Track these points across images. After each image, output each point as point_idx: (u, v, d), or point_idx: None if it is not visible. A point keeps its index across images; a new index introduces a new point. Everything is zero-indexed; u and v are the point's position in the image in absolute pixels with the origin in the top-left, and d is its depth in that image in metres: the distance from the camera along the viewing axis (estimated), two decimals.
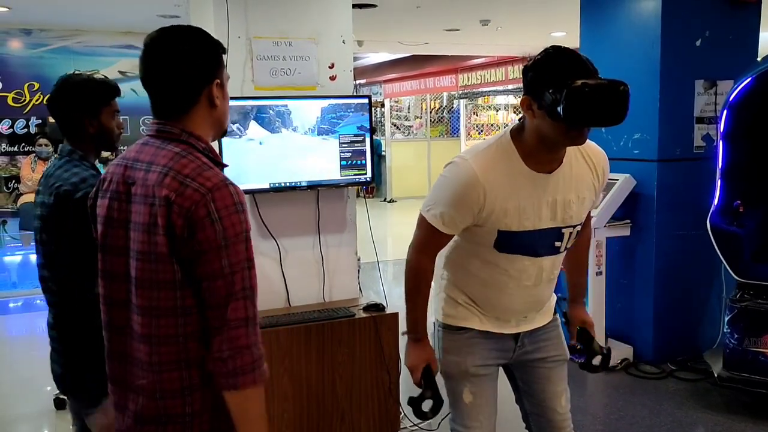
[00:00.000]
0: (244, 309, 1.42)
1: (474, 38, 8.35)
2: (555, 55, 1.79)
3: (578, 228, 2.02)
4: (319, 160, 3.40)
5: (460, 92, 13.74)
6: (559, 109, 1.70)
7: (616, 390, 4.16)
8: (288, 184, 3.35)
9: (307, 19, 3.46)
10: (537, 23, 7.17)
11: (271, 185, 3.32)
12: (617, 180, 4.48)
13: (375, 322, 3.27)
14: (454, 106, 15.73)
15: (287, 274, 3.50)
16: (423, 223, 1.97)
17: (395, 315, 3.35)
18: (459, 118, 14.73)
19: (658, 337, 4.53)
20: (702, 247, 4.06)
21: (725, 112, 3.86)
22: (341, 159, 3.44)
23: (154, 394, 1.48)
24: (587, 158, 1.99)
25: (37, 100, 7.28)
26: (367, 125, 3.48)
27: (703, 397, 3.94)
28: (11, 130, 7.41)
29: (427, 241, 1.99)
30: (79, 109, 2.16)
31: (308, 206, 3.53)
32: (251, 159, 3.28)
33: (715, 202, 3.99)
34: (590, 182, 2.00)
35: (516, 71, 11.70)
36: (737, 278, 3.80)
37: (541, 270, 2.01)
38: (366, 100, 3.51)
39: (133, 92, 6.85)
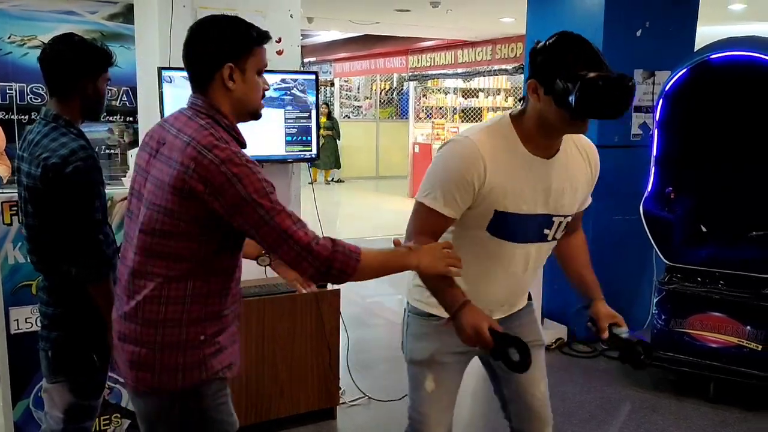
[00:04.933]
0: (301, 233, 1.61)
1: (424, 20, 8.37)
2: (568, 42, 1.77)
3: (568, 219, 2.02)
4: (263, 134, 3.37)
5: (410, 74, 13.77)
6: (570, 98, 1.70)
7: (549, 368, 4.19)
8: None
9: None
10: (486, 8, 7.23)
11: None
12: None
13: (316, 299, 3.29)
14: (404, 88, 15.75)
15: None
16: (420, 210, 1.91)
17: (337, 292, 3.37)
18: (408, 100, 14.76)
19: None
20: (635, 232, 4.21)
21: (661, 101, 4.00)
22: (286, 134, 3.43)
23: (134, 319, 1.70)
24: (581, 150, 2.00)
25: None
26: (314, 101, 3.47)
27: (631, 376, 4.11)
28: None
29: (426, 227, 1.91)
30: (81, 69, 2.13)
31: None
32: None
33: (649, 188, 4.14)
34: (585, 174, 2.01)
35: (465, 55, 11.80)
36: (666, 262, 3.96)
37: (528, 257, 2.00)
38: (313, 77, 3.50)
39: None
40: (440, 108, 14.06)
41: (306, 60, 21.47)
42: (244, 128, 1.77)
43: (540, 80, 1.78)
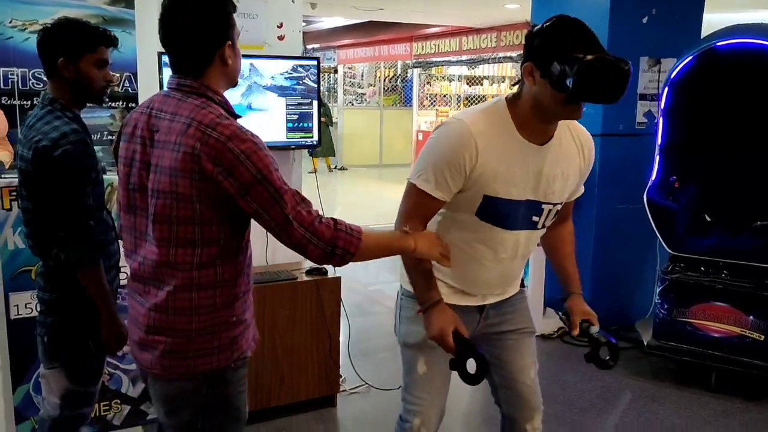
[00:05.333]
0: (305, 214, 1.61)
1: (428, 6, 8.31)
2: (565, 25, 1.75)
3: (558, 207, 2.00)
4: (265, 121, 3.35)
5: (414, 61, 13.69)
6: (568, 81, 1.68)
7: (550, 357, 4.28)
8: None
9: None
10: None
11: None
12: None
13: (317, 286, 3.28)
14: (408, 75, 15.68)
15: None
16: (412, 191, 1.91)
17: (338, 279, 3.36)
18: (412, 87, 14.69)
19: (594, 307, 4.54)
20: (640, 221, 4.18)
21: (666, 89, 3.96)
22: (287, 121, 3.40)
23: (165, 310, 1.68)
24: (575, 138, 1.97)
25: None
26: (315, 87, 3.44)
27: (632, 365, 4.10)
28: None
29: (417, 209, 1.91)
30: (56, 49, 2.10)
31: None
32: None
33: (653, 177, 4.11)
34: (577, 162, 1.98)
35: (470, 42, 11.71)
36: (670, 251, 3.94)
37: (518, 244, 2.00)
38: (314, 62, 3.47)
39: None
40: (444, 96, 14.00)
41: (309, 46, 21.37)
42: (247, 113, 1.74)
43: (536, 63, 1.76)
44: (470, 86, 13.77)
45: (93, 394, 2.33)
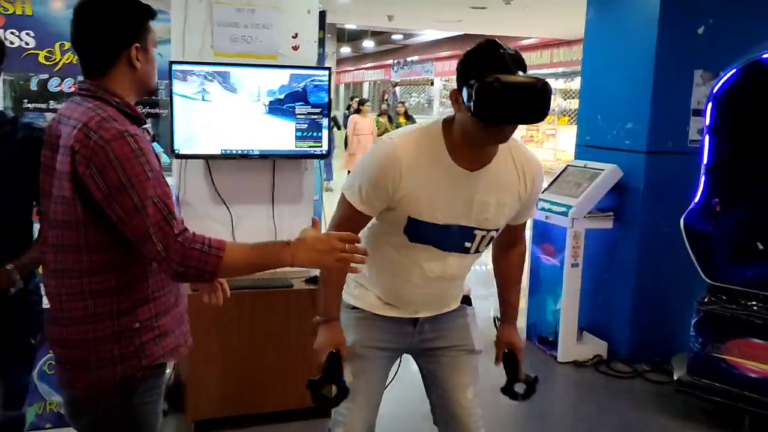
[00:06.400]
0: (167, 229, 1.56)
1: (505, 18, 8.15)
2: (482, 49, 1.72)
3: (493, 233, 1.95)
4: (274, 129, 3.39)
5: None
6: (470, 104, 1.65)
7: (576, 386, 4.05)
8: (239, 152, 3.36)
9: None
10: (562, 3, 6.92)
11: (223, 152, 3.34)
12: (602, 170, 4.32)
13: (311, 294, 3.26)
14: None
15: (239, 241, 3.51)
16: (342, 202, 1.93)
17: None
18: None
19: (634, 336, 4.37)
20: (686, 247, 3.87)
21: (710, 104, 3.65)
22: (297, 130, 3.42)
23: (60, 321, 1.70)
24: (518, 164, 1.91)
25: (67, 60, 7.51)
26: (326, 98, 3.45)
27: (663, 401, 3.79)
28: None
29: (345, 221, 1.91)
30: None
31: (264, 175, 3.54)
32: (204, 124, 3.29)
33: (696, 199, 3.79)
34: (515, 189, 1.92)
35: (561, 55, 11.39)
36: (708, 280, 3.62)
37: (446, 266, 1.96)
38: (326, 72, 3.48)
39: (159, 56, 7.00)
40: None
41: (409, 59, 21.54)
42: (257, 122, 1.71)
43: (459, 88, 1.72)
44: (565, 100, 13.35)
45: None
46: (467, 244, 1.92)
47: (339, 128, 14.12)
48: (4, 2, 7.33)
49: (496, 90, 1.60)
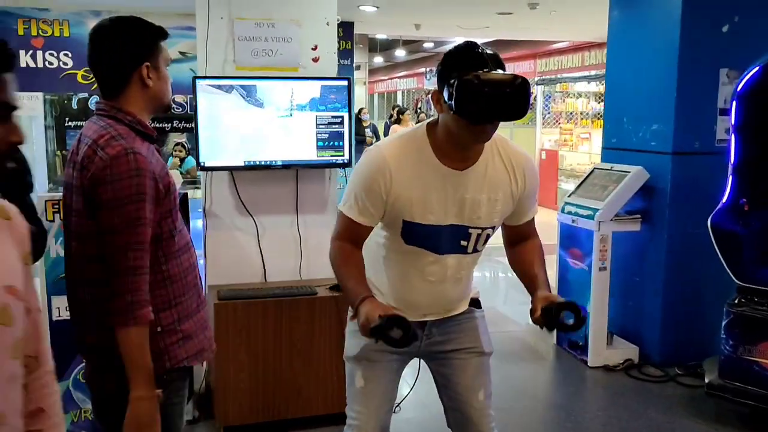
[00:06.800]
0: (130, 260, 1.67)
1: (533, 23, 8.12)
2: (461, 48, 1.77)
3: (489, 231, 1.97)
4: (295, 140, 3.46)
5: (538, 78, 13.35)
6: (451, 102, 1.69)
7: (606, 390, 4.01)
8: (263, 163, 3.44)
9: (291, 1, 3.51)
10: (592, 7, 6.87)
11: (246, 163, 3.42)
12: (628, 172, 4.28)
13: (336, 302, 3.31)
14: (534, 92, 15.29)
15: (265, 250, 3.60)
16: (340, 217, 1.97)
17: None
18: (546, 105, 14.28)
19: (665, 339, 4.31)
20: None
21: (734, 103, 3.60)
22: (318, 140, 3.49)
23: (89, 328, 1.79)
24: (506, 160, 1.93)
25: None
26: (346, 107, 3.50)
27: (696, 405, 3.73)
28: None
29: (345, 232, 1.96)
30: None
31: (288, 185, 3.61)
32: (228, 136, 3.38)
33: (724, 199, 3.74)
34: (507, 185, 1.93)
35: (592, 57, 11.28)
36: (737, 281, 3.56)
37: (446, 268, 1.98)
38: (345, 82, 3.54)
39: (191, 72, 7.18)
40: (570, 113, 13.50)
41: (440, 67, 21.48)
42: (278, 133, 1.74)
43: (440, 89, 1.76)
44: (599, 103, 13.17)
45: None
46: (463, 243, 1.95)
47: (379, 139, 14.12)
48: (43, 24, 7.59)
49: (476, 86, 1.64)
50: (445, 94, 1.71)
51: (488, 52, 1.73)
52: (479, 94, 1.64)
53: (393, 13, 7.59)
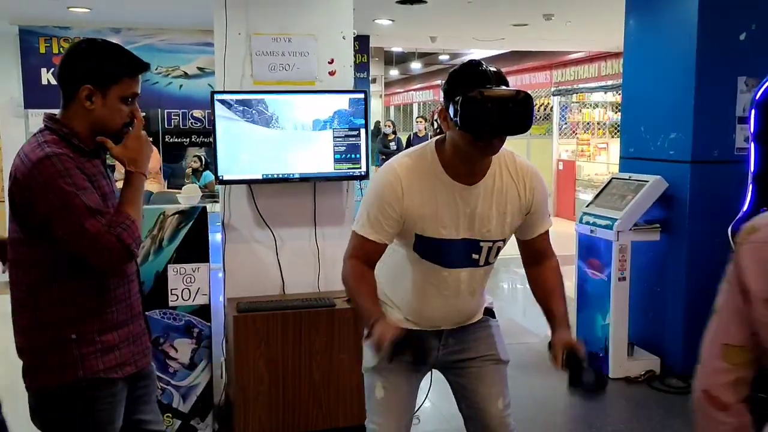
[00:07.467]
0: (103, 235, 1.72)
1: (548, 34, 8.13)
2: (465, 66, 1.83)
3: (499, 244, 2.00)
4: (312, 153, 3.48)
5: (554, 89, 13.34)
6: (457, 119, 1.74)
7: (627, 402, 3.96)
8: (280, 176, 3.46)
9: (307, 15, 3.55)
10: (607, 17, 6.87)
11: (264, 176, 3.45)
12: (647, 182, 4.26)
13: (354, 314, 3.31)
14: (550, 103, 15.27)
15: (283, 262, 3.62)
16: (353, 236, 1.99)
17: None
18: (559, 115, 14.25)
19: (688, 350, 4.25)
20: None
21: (753, 111, 3.58)
22: (335, 152, 3.51)
23: (16, 330, 1.86)
24: (513, 174, 1.97)
25: None
26: (362, 120, 3.53)
27: None
28: None
29: (358, 251, 1.98)
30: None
31: (305, 198, 3.63)
32: (246, 150, 3.41)
33: (744, 208, 3.71)
34: (516, 198, 1.97)
35: (608, 67, 11.26)
36: None
37: (459, 282, 2.02)
38: (362, 95, 3.56)
39: (209, 87, 7.26)
40: (587, 123, 13.45)
41: None
42: (295, 146, 2.26)
43: (446, 106, 1.80)
44: (616, 113, 13.11)
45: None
46: (475, 256, 1.98)
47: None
48: (64, 43, 7.72)
49: (479, 102, 1.69)
50: (451, 111, 1.76)
51: (491, 69, 1.78)
52: (483, 109, 1.70)
53: (408, 26, 7.64)
